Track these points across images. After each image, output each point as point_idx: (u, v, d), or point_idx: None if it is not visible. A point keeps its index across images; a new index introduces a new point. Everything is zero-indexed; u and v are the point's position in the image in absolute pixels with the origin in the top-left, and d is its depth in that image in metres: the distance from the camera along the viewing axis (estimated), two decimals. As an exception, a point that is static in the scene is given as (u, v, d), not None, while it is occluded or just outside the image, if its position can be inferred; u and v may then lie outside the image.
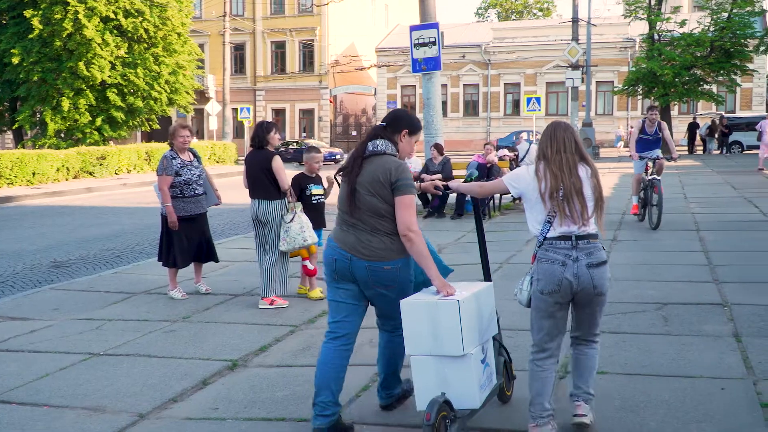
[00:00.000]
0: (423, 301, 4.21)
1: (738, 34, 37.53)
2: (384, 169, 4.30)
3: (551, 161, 4.18)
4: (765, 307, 6.89)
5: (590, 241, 4.16)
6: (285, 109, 55.93)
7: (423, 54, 16.35)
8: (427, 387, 4.15)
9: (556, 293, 4.14)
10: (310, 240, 7.76)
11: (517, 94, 52.38)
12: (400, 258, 4.32)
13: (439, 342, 4.12)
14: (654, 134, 12.36)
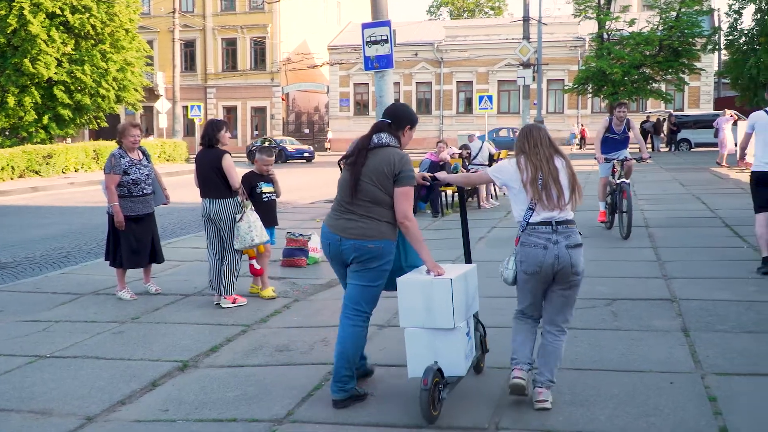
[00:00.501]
0: (418, 279, 4.68)
1: (686, 33, 38.25)
2: (389, 161, 4.67)
3: (530, 154, 4.66)
4: (712, 302, 7.01)
5: (568, 225, 4.62)
6: (237, 106, 55.49)
7: (375, 52, 16.33)
8: (419, 356, 4.61)
9: (538, 273, 4.60)
10: (257, 239, 7.69)
11: (469, 92, 52.67)
12: (383, 239, 4.70)
13: (432, 316, 4.59)
14: (622, 133, 11.36)
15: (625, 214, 10.71)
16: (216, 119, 8.16)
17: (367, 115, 53.15)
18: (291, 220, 14.00)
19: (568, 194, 4.64)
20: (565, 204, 4.62)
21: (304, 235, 9.98)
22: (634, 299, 7.25)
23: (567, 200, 4.63)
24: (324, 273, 9.37)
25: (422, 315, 4.63)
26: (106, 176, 7.93)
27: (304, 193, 21.10)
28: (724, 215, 12.81)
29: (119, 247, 8.04)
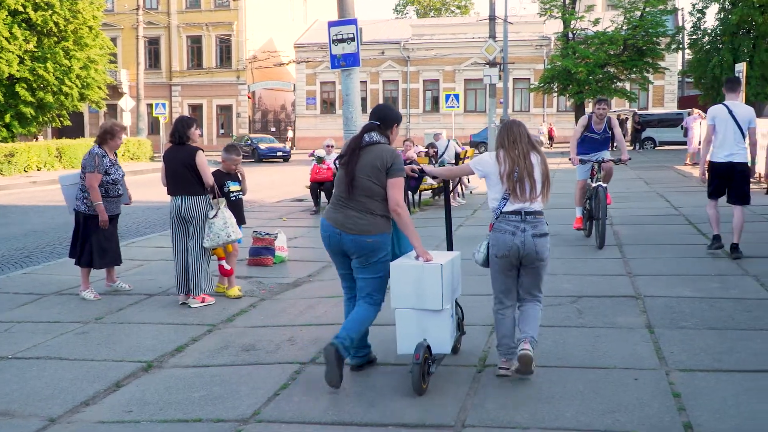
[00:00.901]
0: (410, 264, 5.06)
1: (650, 33, 38.73)
2: (381, 156, 5.10)
3: (509, 149, 5.11)
4: (676, 299, 7.09)
5: (536, 216, 5.10)
6: (202, 104, 55.07)
7: (341, 50, 16.28)
8: (409, 335, 5.03)
9: (507, 257, 5.09)
10: (234, 236, 7.68)
11: (436, 91, 52.82)
12: (380, 233, 5.13)
13: (422, 298, 5.00)
14: (603, 132, 10.41)
15: (599, 222, 9.77)
16: (186, 116, 8.10)
17: (333, 114, 53.08)
18: (258, 219, 13.93)
19: (539, 188, 5.11)
20: (536, 197, 5.08)
21: (270, 233, 9.92)
22: (599, 296, 7.31)
23: (538, 193, 5.10)
24: (290, 272, 9.34)
25: (413, 297, 5.03)
26: (89, 175, 7.82)
27: (271, 191, 21.01)
28: (688, 213, 12.97)
29: (87, 246, 7.94)
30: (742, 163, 8.87)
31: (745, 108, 9.14)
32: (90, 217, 7.94)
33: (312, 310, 7.31)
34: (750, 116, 8.99)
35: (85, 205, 7.93)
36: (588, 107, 44.57)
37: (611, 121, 10.48)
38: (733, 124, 8.83)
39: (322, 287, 8.44)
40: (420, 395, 4.82)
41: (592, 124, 10.42)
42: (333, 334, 6.30)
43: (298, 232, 12.70)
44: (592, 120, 10.45)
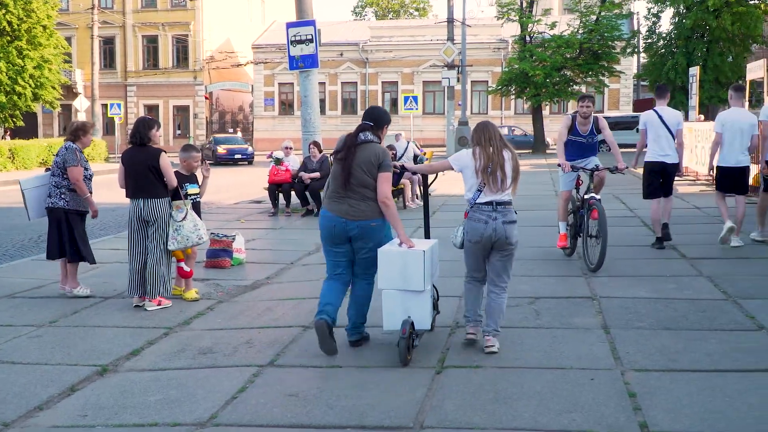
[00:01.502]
0: (396, 250, 5.69)
1: (606, 37, 39.23)
2: (375, 153, 5.76)
3: (484, 146, 5.74)
4: (632, 300, 7.18)
5: (506, 206, 5.76)
6: (158, 105, 54.43)
7: (300, 51, 16.25)
8: (394, 313, 5.66)
9: (479, 242, 5.76)
10: (205, 237, 7.67)
11: (394, 93, 52.89)
12: (379, 218, 5.78)
13: (407, 280, 5.61)
14: (589, 135, 9.16)
15: (596, 240, 8.45)
16: (147, 117, 8.04)
17: (292, 115, 52.87)
18: (215, 221, 13.80)
19: (509, 180, 5.75)
20: (506, 188, 5.74)
21: (228, 235, 9.84)
22: (556, 297, 7.38)
23: (509, 186, 5.75)
24: (248, 274, 9.27)
25: (398, 279, 5.63)
26: (73, 169, 7.77)
27: (228, 193, 20.85)
28: (643, 215, 13.14)
29: (73, 242, 7.92)
30: (674, 163, 9.90)
31: (673, 112, 9.98)
32: (71, 212, 7.91)
33: (270, 313, 7.27)
34: (678, 120, 9.97)
35: (64, 201, 7.87)
36: (545, 109, 45.09)
37: (599, 121, 9.20)
38: (664, 128, 9.78)
39: (281, 289, 8.40)
40: (405, 365, 5.43)
41: (576, 126, 9.13)
42: (292, 336, 6.32)
43: (256, 234, 12.61)
44: (576, 121, 9.15)
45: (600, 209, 8.43)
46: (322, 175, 14.93)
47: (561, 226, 9.53)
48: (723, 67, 36.49)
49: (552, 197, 16.77)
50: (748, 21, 35.51)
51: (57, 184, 7.88)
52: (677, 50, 37.59)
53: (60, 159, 7.86)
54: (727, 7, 35.33)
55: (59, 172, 7.87)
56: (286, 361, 5.73)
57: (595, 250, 8.43)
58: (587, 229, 8.69)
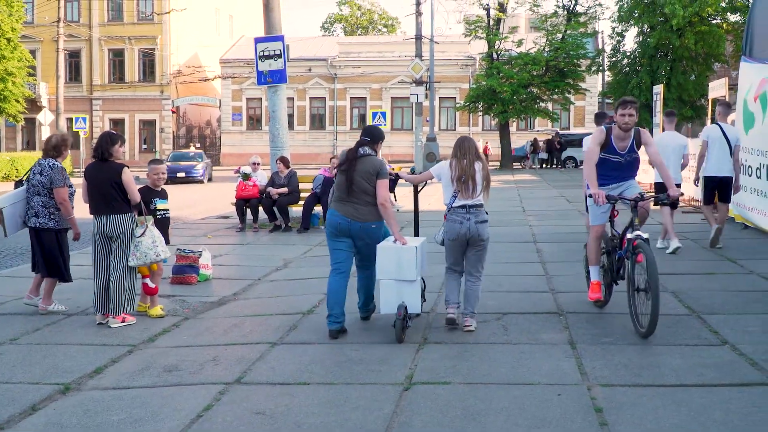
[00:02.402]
0: (392, 246, 6.72)
1: (571, 55, 39.70)
2: (373, 164, 6.76)
3: (459, 159, 6.72)
4: (598, 315, 7.23)
5: (478, 208, 6.69)
6: (124, 119, 53.97)
7: (268, 66, 16.22)
8: (390, 299, 6.66)
9: (456, 240, 6.71)
10: (163, 254, 7.58)
11: (363, 108, 52.98)
12: (379, 220, 6.78)
13: (401, 271, 6.62)
14: (628, 152, 7.11)
15: (644, 294, 6.39)
16: (111, 131, 7.97)
17: (260, 130, 52.74)
18: (181, 237, 13.67)
19: (480, 188, 6.71)
20: (477, 194, 6.68)
21: (195, 251, 9.75)
22: (523, 313, 7.40)
23: (479, 192, 6.71)
24: (215, 290, 9.19)
25: (394, 270, 6.63)
26: (60, 190, 7.72)
27: (194, 208, 20.70)
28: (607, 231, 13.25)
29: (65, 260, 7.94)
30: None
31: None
32: (62, 231, 7.88)
33: (237, 329, 7.20)
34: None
35: (54, 221, 7.79)
36: (512, 126, 45.41)
37: (641, 135, 7.14)
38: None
39: (248, 305, 8.33)
40: (400, 342, 6.40)
41: (612, 140, 7.10)
42: (259, 352, 6.26)
43: (223, 249, 12.52)
44: (612, 134, 7.11)
45: (648, 253, 6.38)
46: (290, 191, 14.90)
47: (592, 272, 7.45)
48: (686, 85, 37.08)
49: (519, 213, 16.88)
50: (710, 40, 36.14)
51: (45, 204, 7.77)
52: (641, 69, 38.12)
53: (46, 179, 7.75)
54: (690, 27, 35.93)
55: (45, 192, 7.76)
56: (253, 378, 5.68)
57: (644, 308, 6.37)
58: (633, 280, 6.60)
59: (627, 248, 6.81)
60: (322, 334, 6.78)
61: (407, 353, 6.14)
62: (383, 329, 6.86)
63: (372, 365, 5.86)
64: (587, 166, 7.18)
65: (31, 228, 7.87)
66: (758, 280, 8.70)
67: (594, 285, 7.41)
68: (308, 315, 7.63)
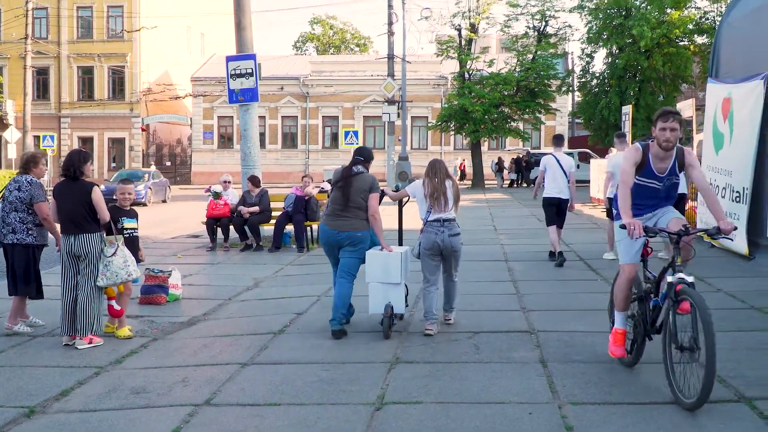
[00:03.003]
0: (380, 253, 7.49)
1: (542, 75, 40.08)
2: (366, 181, 7.57)
3: (431, 178, 7.55)
4: (568, 333, 7.25)
5: (450, 222, 7.47)
6: (93, 137, 53.51)
7: (240, 85, 16.19)
8: (378, 300, 7.42)
9: (431, 250, 7.47)
10: (134, 274, 7.52)
11: (335, 127, 53.00)
12: (364, 230, 7.53)
13: (387, 275, 7.42)
14: (668, 175, 5.82)
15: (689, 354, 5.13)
16: (81, 149, 7.90)
17: (231, 149, 52.54)
18: (151, 256, 13.52)
19: (451, 203, 7.52)
20: (449, 209, 7.50)
21: (164, 271, 9.66)
22: (495, 332, 7.40)
23: (450, 207, 7.51)
24: (184, 310, 9.10)
25: (381, 274, 7.42)
26: (41, 204, 7.67)
27: (164, 227, 20.53)
28: (578, 249, 13.36)
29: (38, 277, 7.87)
30: (566, 199, 11.96)
31: (568, 158, 12.15)
32: (38, 247, 7.82)
33: (207, 350, 7.13)
34: (571, 164, 12.07)
35: (32, 236, 7.72)
36: (484, 145, 45.70)
37: (685, 155, 5.79)
38: (560, 170, 11.86)
39: (218, 326, 8.26)
40: (387, 338, 7.16)
41: (650, 161, 5.76)
42: (229, 373, 6.20)
43: (193, 269, 12.42)
44: (650, 152, 5.77)
45: (697, 301, 5.13)
46: (262, 209, 14.83)
47: (618, 319, 6.07)
48: (654, 105, 37.45)
49: (491, 231, 16.94)
50: (678, 62, 36.65)
51: (23, 220, 7.70)
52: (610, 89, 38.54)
53: (26, 195, 7.69)
54: (658, 48, 36.43)
55: (24, 207, 7.69)
56: (222, 399, 5.61)
57: (690, 372, 5.12)
58: (675, 336, 5.28)
59: (667, 294, 5.44)
60: (293, 354, 6.74)
61: (378, 373, 6.11)
62: (354, 347, 6.84)
63: (343, 385, 5.83)
64: (622, 191, 5.70)
65: (7, 245, 7.76)
66: (726, 298, 8.78)
67: (618, 335, 6.00)
68: (279, 335, 7.58)
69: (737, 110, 11.78)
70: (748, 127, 11.34)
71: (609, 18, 38.20)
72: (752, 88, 11.26)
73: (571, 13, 40.00)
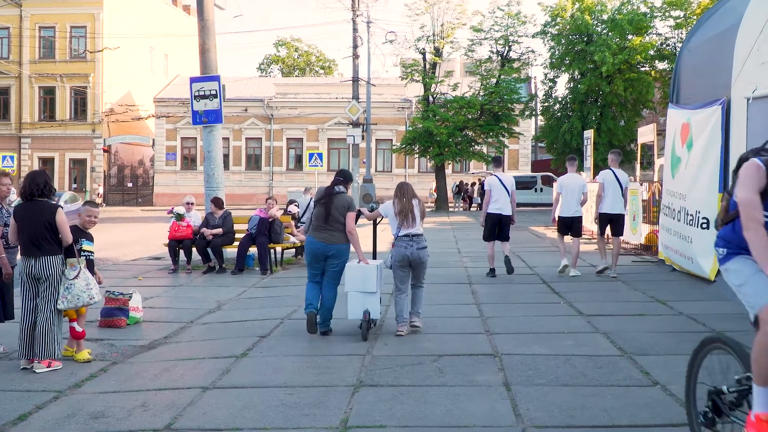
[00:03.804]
0: (358, 265, 8.40)
1: (505, 99, 40.50)
2: (345, 201, 8.57)
3: (400, 198, 8.54)
4: (532, 357, 7.26)
5: (419, 237, 8.47)
6: (54, 158, 52.92)
7: (204, 106, 16.13)
8: (356, 306, 8.29)
9: (401, 262, 8.43)
10: (96, 297, 7.40)
11: (299, 149, 53.01)
12: (346, 244, 8.49)
13: (365, 285, 8.31)
14: None
15: None
16: (42, 171, 7.78)
17: (194, 170, 52.26)
18: (111, 278, 13.35)
19: (418, 220, 8.51)
20: (417, 225, 8.47)
21: (124, 293, 9.52)
22: (458, 355, 7.39)
23: (417, 224, 8.49)
24: (145, 333, 8.97)
25: (359, 284, 8.31)
26: None
27: (125, 249, 20.28)
28: (541, 272, 13.44)
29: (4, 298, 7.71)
30: (507, 215, 12.94)
31: (509, 177, 13.28)
32: None
33: (168, 374, 7.03)
34: (512, 183, 13.09)
35: None
36: (448, 168, 45.96)
37: None
38: (503, 188, 12.88)
39: (179, 349, 8.15)
40: (365, 341, 8.01)
41: None
42: (190, 398, 6.11)
43: (154, 291, 12.26)
44: None
45: None
46: (225, 231, 14.73)
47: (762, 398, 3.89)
48: (616, 130, 38.10)
49: (455, 254, 16.98)
50: (639, 87, 37.30)
51: None
52: (572, 114, 39.09)
53: None
54: (619, 74, 37.06)
55: None
56: (183, 424, 5.52)
57: None
58: None
59: None
60: (256, 378, 6.66)
61: (342, 396, 6.06)
62: (318, 370, 6.79)
63: (306, 409, 5.77)
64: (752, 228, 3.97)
65: None
66: (687, 322, 8.88)
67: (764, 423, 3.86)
68: (242, 358, 7.50)
69: (696, 135, 11.98)
70: (706, 152, 11.52)
71: (571, 44, 38.84)
72: (710, 113, 11.46)
73: (534, 38, 40.66)
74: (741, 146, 10.46)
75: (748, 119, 10.30)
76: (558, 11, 39.19)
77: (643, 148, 26.53)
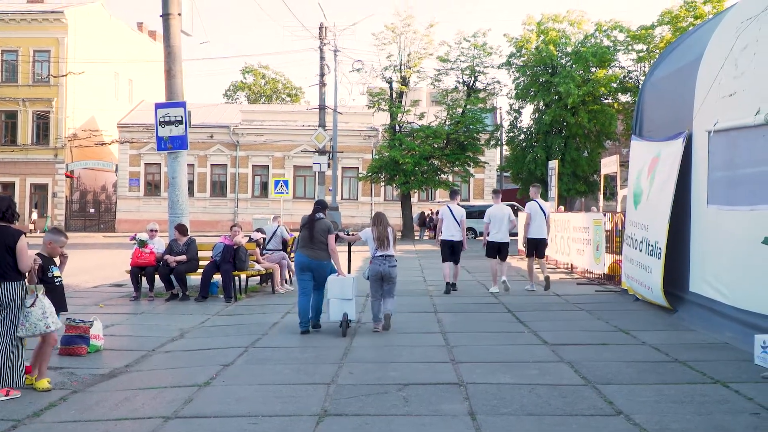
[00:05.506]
0: (338, 277, 10.35)
1: (471, 129, 40.87)
2: (326, 225, 10.39)
3: (377, 225, 10.47)
4: (497, 386, 7.26)
5: (390, 257, 10.44)
6: (15, 183, 52.15)
7: (169, 132, 16.04)
8: (336, 310, 10.18)
9: (375, 275, 10.37)
10: (53, 326, 7.24)
11: (265, 176, 52.86)
12: (328, 259, 10.33)
13: (344, 292, 10.20)
14: None
15: None
16: (6, 195, 7.66)
17: (158, 196, 51.87)
18: (72, 305, 13.06)
19: (391, 244, 10.48)
20: (390, 248, 10.46)
21: (85, 321, 9.37)
22: (424, 384, 7.36)
23: (391, 247, 10.48)
24: (106, 362, 8.82)
25: (339, 292, 10.20)
26: None
27: (87, 275, 19.98)
28: (507, 301, 13.48)
29: None
30: (458, 241, 15.05)
31: (459, 208, 15.14)
32: None
33: (129, 403, 6.90)
34: (462, 213, 15.05)
35: None
36: (414, 196, 46.09)
37: None
38: (453, 218, 14.96)
39: (141, 378, 8.02)
40: (344, 337, 9.84)
41: None
42: (151, 428, 6.00)
43: (116, 319, 12.08)
44: None
45: None
46: (189, 258, 14.59)
47: None
48: (580, 161, 38.60)
49: (421, 283, 16.98)
50: (602, 119, 37.89)
51: None
52: (537, 144, 39.55)
53: None
54: (583, 106, 37.62)
55: None
56: None
57: None
58: None
59: None
60: (219, 408, 6.57)
61: (306, 426, 6.00)
62: (282, 399, 6.71)
63: (270, 440, 5.70)
64: None
65: None
66: (650, 351, 8.95)
67: None
68: (204, 387, 7.40)
69: (659, 167, 12.13)
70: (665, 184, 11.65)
71: (536, 75, 39.39)
72: (674, 146, 11.62)
73: (500, 69, 41.14)
74: (703, 178, 10.64)
75: (709, 152, 10.45)
76: (523, 43, 39.77)
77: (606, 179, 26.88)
